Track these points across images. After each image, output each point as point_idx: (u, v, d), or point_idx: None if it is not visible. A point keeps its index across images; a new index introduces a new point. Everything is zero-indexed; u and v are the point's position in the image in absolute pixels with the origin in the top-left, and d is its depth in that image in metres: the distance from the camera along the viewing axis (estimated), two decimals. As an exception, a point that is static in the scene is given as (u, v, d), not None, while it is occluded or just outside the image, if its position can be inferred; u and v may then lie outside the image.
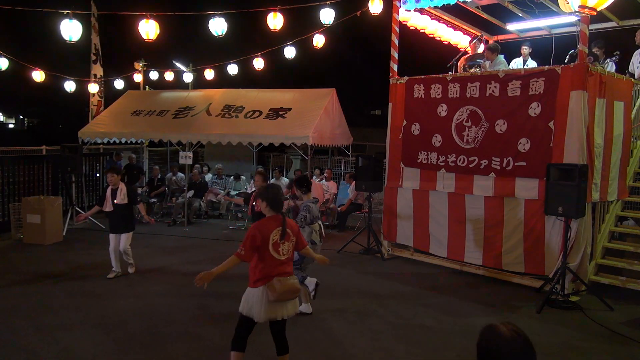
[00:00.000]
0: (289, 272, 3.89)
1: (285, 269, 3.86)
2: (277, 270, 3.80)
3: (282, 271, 3.82)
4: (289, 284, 3.80)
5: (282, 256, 3.84)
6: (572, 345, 5.15)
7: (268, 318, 3.82)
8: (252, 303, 3.80)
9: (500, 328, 1.99)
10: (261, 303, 3.77)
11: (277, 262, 3.82)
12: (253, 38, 14.97)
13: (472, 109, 7.45)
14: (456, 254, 7.75)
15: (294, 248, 4.00)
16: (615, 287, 6.66)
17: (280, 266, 3.83)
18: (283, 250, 3.85)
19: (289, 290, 3.79)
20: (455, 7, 8.55)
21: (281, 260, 3.84)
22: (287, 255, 3.89)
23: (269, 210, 3.92)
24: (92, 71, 13.59)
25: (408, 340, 5.14)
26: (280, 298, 3.76)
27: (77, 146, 10.66)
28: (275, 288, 3.72)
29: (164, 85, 15.25)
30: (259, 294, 3.77)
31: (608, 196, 7.09)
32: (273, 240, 3.79)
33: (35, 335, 5.02)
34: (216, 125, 10.56)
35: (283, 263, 3.86)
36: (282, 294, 3.75)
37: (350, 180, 11.57)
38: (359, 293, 6.66)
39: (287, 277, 3.83)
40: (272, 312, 3.79)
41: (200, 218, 11.79)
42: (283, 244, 3.85)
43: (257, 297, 3.78)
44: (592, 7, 5.76)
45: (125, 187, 6.97)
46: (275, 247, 3.80)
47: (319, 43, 11.02)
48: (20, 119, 53.83)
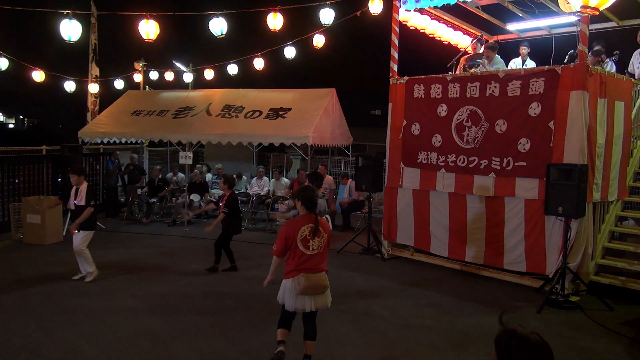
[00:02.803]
0: (318, 268, 4.14)
1: (313, 263, 4.11)
2: (305, 265, 4.09)
3: (310, 265, 4.10)
4: (314, 280, 4.08)
5: (310, 251, 4.10)
6: (572, 345, 5.15)
7: (296, 308, 4.15)
8: (285, 293, 4.16)
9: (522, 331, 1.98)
10: (291, 294, 4.11)
11: (306, 257, 4.09)
12: (253, 38, 14.95)
13: (472, 109, 7.45)
14: (457, 254, 7.75)
15: (326, 245, 4.23)
16: (615, 287, 6.65)
17: (308, 261, 4.09)
18: (312, 245, 4.11)
19: (313, 286, 4.08)
20: (455, 7, 8.54)
21: (309, 254, 4.10)
22: (316, 250, 4.12)
23: (303, 209, 4.21)
24: (91, 71, 13.59)
25: (408, 340, 5.14)
26: (305, 292, 4.07)
27: (77, 146, 10.66)
28: (300, 283, 4.05)
29: (164, 85, 15.27)
30: (290, 286, 4.13)
31: (609, 196, 7.09)
32: (302, 236, 4.09)
33: (35, 335, 5.02)
34: (216, 125, 10.56)
35: (312, 257, 4.11)
36: (306, 289, 4.06)
37: (345, 180, 11.55)
38: (359, 293, 6.65)
39: (315, 273, 4.10)
40: (299, 303, 4.12)
41: (200, 218, 11.79)
42: (313, 240, 4.10)
43: (288, 288, 4.14)
44: (594, 7, 5.76)
45: (85, 188, 6.75)
46: (303, 242, 4.09)
47: (319, 43, 11.03)
48: (20, 119, 53.83)
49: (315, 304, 4.17)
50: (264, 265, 7.85)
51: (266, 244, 8.33)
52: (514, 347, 1.96)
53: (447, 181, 7.76)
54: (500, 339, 2.01)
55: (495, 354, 2.00)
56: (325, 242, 4.21)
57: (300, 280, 4.05)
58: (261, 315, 5.69)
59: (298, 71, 20.72)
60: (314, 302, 4.15)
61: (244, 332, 5.22)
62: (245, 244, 8.98)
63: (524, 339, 1.96)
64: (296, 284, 4.06)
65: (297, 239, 4.08)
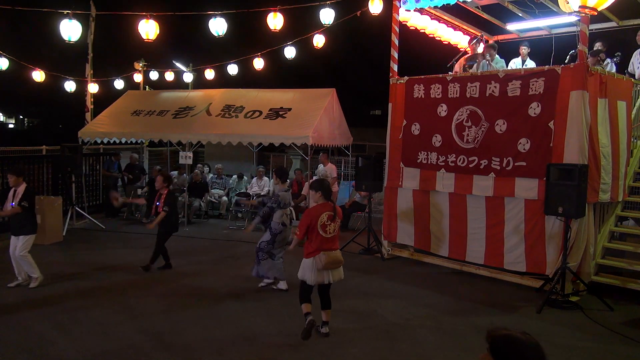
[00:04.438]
0: (334, 247, 4.95)
1: (330, 244, 4.92)
2: (325, 245, 4.87)
3: (328, 246, 4.90)
4: (332, 256, 4.89)
5: (328, 234, 4.90)
6: (572, 345, 5.15)
7: (317, 282, 4.91)
8: (305, 270, 4.92)
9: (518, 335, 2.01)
10: (312, 270, 4.87)
11: (324, 240, 4.89)
12: (253, 38, 14.97)
13: (472, 109, 7.45)
14: (457, 254, 7.75)
15: (339, 228, 5.04)
16: (615, 287, 6.65)
17: (326, 243, 4.90)
18: (330, 229, 4.91)
19: (332, 262, 4.89)
20: (455, 7, 8.54)
21: (327, 237, 4.90)
22: (333, 234, 4.93)
23: (322, 199, 5.00)
24: (90, 71, 13.58)
25: (408, 340, 5.14)
26: (326, 267, 4.86)
27: (77, 146, 10.65)
28: (322, 259, 4.82)
29: (164, 85, 15.25)
30: (310, 264, 4.88)
31: (618, 196, 7.08)
32: (321, 222, 4.87)
33: (35, 335, 5.02)
34: (216, 125, 10.55)
35: (329, 240, 4.91)
36: (327, 264, 4.85)
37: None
38: (359, 293, 6.66)
39: (332, 251, 4.90)
40: (319, 277, 4.89)
41: (200, 218, 11.80)
42: (330, 225, 4.90)
43: (309, 266, 4.89)
44: (593, 7, 5.76)
45: (23, 190, 6.47)
46: (323, 227, 4.88)
47: (319, 43, 11.02)
48: (20, 119, 53.76)
49: (333, 277, 4.95)
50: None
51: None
52: (513, 352, 1.99)
53: (446, 181, 7.76)
54: (497, 345, 2.02)
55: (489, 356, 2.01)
56: (339, 226, 5.00)
57: (322, 258, 4.81)
58: (262, 315, 5.69)
59: (298, 71, 20.69)
60: (332, 275, 4.93)
61: (246, 331, 5.22)
62: (246, 244, 8.98)
63: (520, 343, 1.99)
64: (318, 261, 4.82)
65: (317, 225, 4.83)
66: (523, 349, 1.98)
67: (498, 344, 2.02)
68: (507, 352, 2.00)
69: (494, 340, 2.03)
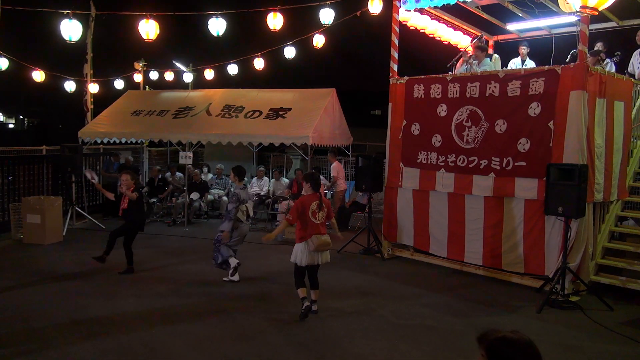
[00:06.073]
0: (323, 232, 5.53)
1: (320, 230, 5.50)
2: (315, 230, 5.46)
3: (318, 231, 5.47)
4: (322, 240, 5.46)
5: (317, 221, 5.50)
6: (572, 345, 5.15)
7: (308, 263, 5.47)
8: (298, 253, 5.50)
9: (512, 336, 2.01)
10: (304, 253, 5.46)
11: (315, 225, 5.48)
12: (253, 38, 14.96)
13: (472, 109, 7.45)
14: (456, 254, 7.75)
15: (327, 216, 5.62)
16: (615, 287, 6.65)
17: (316, 228, 5.48)
18: (319, 216, 5.52)
19: (322, 244, 5.45)
20: (455, 7, 8.54)
21: (317, 223, 5.50)
22: (321, 220, 5.52)
23: (311, 190, 5.57)
24: (90, 71, 13.58)
25: (408, 340, 5.14)
26: (318, 249, 5.44)
27: (77, 146, 10.64)
28: (314, 242, 5.41)
29: (164, 85, 15.25)
30: (302, 247, 5.48)
31: (611, 196, 7.08)
32: (312, 210, 5.47)
33: (35, 335, 5.02)
34: (216, 125, 10.55)
35: (318, 226, 5.50)
36: (318, 247, 5.42)
37: None
38: (359, 293, 6.66)
39: (321, 235, 5.47)
40: (310, 259, 5.47)
41: (200, 218, 11.80)
42: (318, 212, 5.51)
43: (301, 249, 5.48)
44: (593, 7, 5.76)
45: None
46: (313, 214, 5.48)
47: (319, 43, 11.02)
48: (20, 119, 53.74)
49: (322, 259, 5.54)
50: (265, 265, 7.89)
51: (267, 244, 8.31)
52: (513, 353, 1.99)
53: (446, 181, 7.76)
54: (495, 349, 2.02)
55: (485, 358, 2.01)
56: (327, 213, 5.57)
57: (313, 240, 5.39)
58: (262, 315, 5.69)
59: (298, 71, 20.73)
60: (321, 257, 5.53)
61: (246, 332, 5.22)
62: (246, 244, 8.97)
63: (517, 343, 1.99)
64: (311, 243, 5.40)
65: (309, 212, 5.43)
66: (522, 349, 1.98)
67: (496, 348, 2.01)
68: (507, 354, 1.99)
69: (491, 345, 2.02)
